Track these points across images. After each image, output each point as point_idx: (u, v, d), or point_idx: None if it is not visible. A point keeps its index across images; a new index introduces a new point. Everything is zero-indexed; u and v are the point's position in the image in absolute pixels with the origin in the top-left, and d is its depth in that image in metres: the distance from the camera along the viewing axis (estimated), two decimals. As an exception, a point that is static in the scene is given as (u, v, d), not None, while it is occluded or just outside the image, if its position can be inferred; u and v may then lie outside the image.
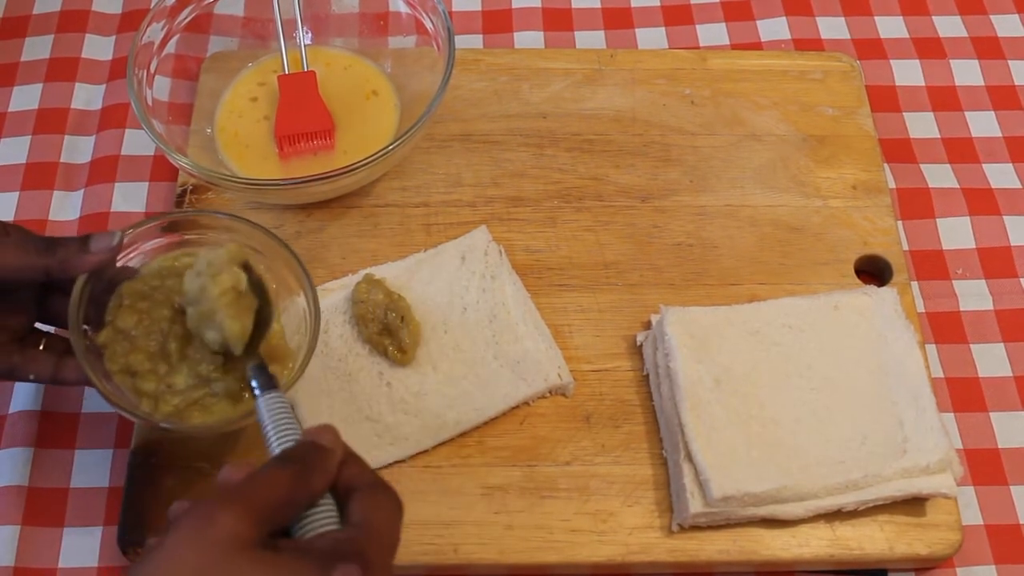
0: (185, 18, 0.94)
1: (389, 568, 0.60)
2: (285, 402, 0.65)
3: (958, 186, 0.96)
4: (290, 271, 0.78)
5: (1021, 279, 0.91)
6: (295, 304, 0.78)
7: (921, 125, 1.00)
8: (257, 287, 0.73)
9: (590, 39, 1.05)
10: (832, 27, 1.06)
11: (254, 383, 0.67)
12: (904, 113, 1.00)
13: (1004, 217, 0.94)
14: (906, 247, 0.92)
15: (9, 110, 0.99)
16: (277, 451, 0.62)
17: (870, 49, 1.04)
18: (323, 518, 0.60)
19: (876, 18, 1.07)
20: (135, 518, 0.77)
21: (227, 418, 0.73)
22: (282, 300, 0.78)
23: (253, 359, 0.70)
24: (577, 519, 0.78)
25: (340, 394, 0.81)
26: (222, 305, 0.70)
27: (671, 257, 0.89)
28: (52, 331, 0.78)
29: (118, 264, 0.76)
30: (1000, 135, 0.99)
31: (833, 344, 0.81)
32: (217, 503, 0.56)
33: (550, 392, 0.83)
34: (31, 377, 0.75)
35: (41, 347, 0.76)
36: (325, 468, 0.60)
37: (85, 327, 0.74)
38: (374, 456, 0.79)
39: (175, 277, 0.76)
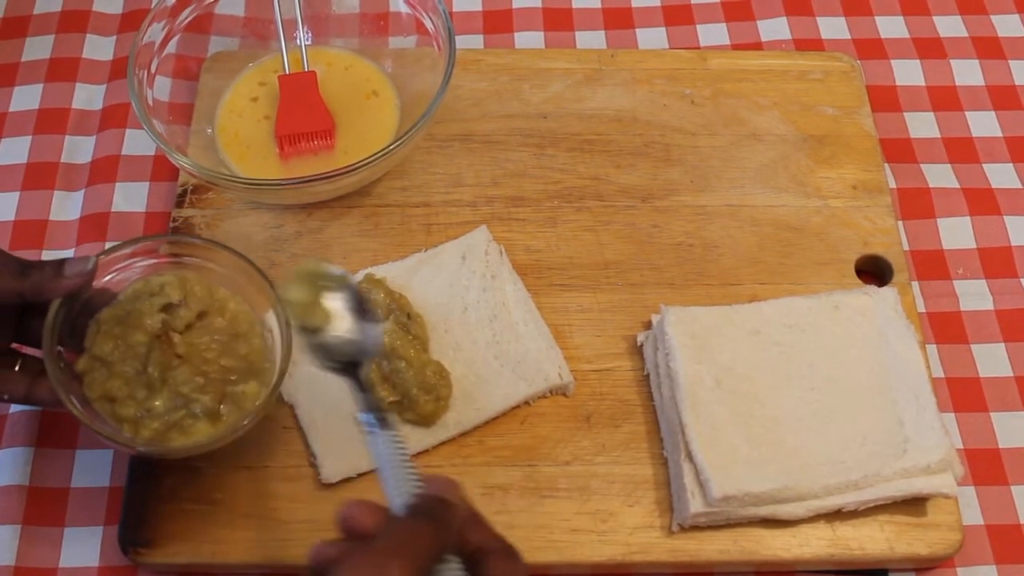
0: (186, 18, 0.94)
1: None
2: (403, 443, 0.62)
3: (958, 186, 0.96)
4: (261, 293, 0.77)
5: (1021, 279, 0.91)
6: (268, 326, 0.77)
7: (921, 125, 1.00)
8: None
9: (590, 39, 1.05)
10: (832, 27, 1.06)
11: (368, 419, 0.64)
12: (904, 113, 1.00)
13: (1004, 217, 0.94)
14: (906, 247, 0.92)
15: (10, 110, 0.99)
16: (403, 498, 0.60)
17: (870, 49, 1.04)
18: None
19: (876, 18, 1.07)
20: (136, 518, 0.77)
21: (208, 438, 0.73)
22: (256, 323, 0.78)
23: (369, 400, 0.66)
24: (577, 519, 0.78)
25: (341, 393, 0.81)
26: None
27: (671, 257, 0.89)
28: (29, 352, 0.77)
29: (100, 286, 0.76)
30: (1001, 135, 0.99)
31: (834, 344, 0.81)
32: (387, 554, 0.55)
33: (550, 392, 0.83)
34: (5, 397, 0.74)
35: (17, 368, 0.75)
36: (453, 527, 0.59)
37: (63, 349, 0.74)
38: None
39: (147, 298, 0.76)
